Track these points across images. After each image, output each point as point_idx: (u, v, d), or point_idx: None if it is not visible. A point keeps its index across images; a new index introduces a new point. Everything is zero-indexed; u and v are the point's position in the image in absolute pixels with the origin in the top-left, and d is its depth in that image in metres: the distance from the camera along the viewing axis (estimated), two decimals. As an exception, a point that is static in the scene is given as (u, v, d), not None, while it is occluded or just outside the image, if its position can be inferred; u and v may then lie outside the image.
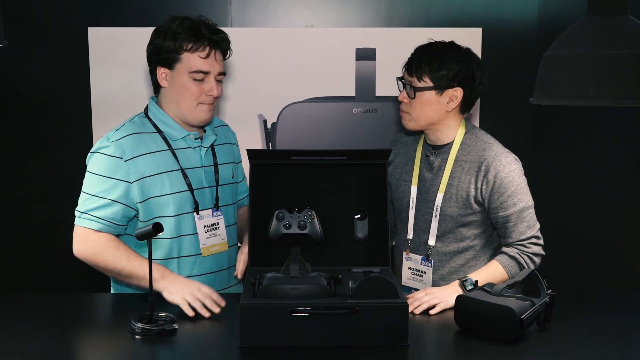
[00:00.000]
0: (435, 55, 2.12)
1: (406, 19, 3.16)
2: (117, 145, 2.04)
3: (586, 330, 1.84)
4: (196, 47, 2.04)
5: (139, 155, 2.05)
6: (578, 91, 1.58)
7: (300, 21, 3.16)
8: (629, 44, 1.57)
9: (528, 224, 2.12)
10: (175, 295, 1.93)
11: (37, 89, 3.14)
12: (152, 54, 2.09)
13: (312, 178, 2.07)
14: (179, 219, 2.10)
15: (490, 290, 1.80)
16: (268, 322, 1.68)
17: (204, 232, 2.14)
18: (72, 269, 3.25)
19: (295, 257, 1.81)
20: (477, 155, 2.16)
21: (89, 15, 3.08)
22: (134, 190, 2.03)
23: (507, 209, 2.11)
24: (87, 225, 2.03)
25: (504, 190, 2.10)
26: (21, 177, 3.21)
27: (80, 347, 1.73)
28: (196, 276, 2.13)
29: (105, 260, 2.01)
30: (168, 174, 2.08)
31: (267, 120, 3.17)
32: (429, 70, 2.11)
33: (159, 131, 2.12)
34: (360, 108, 3.19)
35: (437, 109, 2.14)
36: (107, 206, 2.02)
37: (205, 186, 2.15)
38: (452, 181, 2.17)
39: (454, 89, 2.12)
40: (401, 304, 1.71)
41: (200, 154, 2.16)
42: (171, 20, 2.07)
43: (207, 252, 2.16)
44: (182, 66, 2.05)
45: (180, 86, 2.07)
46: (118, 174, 2.02)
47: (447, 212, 2.17)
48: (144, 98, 3.10)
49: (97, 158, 2.05)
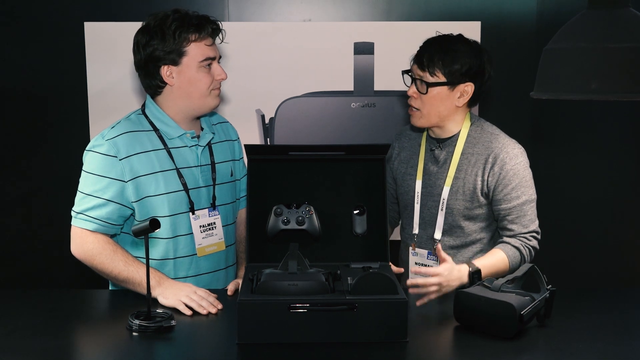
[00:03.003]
0: (447, 49, 2.08)
1: (405, 12, 3.14)
2: (112, 143, 2.01)
3: (586, 326, 1.83)
4: (201, 36, 2.03)
5: (134, 154, 2.02)
6: (579, 85, 1.57)
7: (298, 15, 3.14)
8: (631, 37, 1.56)
9: (530, 218, 2.12)
10: (171, 299, 1.92)
11: (34, 84, 3.13)
12: (150, 57, 2.03)
13: (310, 173, 2.06)
14: (174, 219, 2.08)
15: (490, 285, 1.79)
16: (266, 319, 1.67)
17: (200, 232, 2.12)
18: (69, 265, 3.24)
19: (294, 253, 1.80)
20: (483, 147, 2.14)
21: (86, 10, 3.07)
22: (128, 190, 2.01)
23: (511, 201, 2.10)
24: (82, 225, 2.01)
25: (509, 182, 2.09)
26: (18, 173, 3.20)
27: (77, 344, 1.72)
28: (192, 277, 2.12)
29: (102, 263, 2.00)
30: (163, 173, 2.06)
31: (265, 115, 3.15)
32: (442, 65, 2.07)
33: (155, 129, 2.09)
34: (358, 102, 3.17)
35: (448, 105, 2.12)
36: (102, 206, 2.00)
37: (201, 185, 2.13)
38: (458, 174, 2.16)
39: (465, 84, 2.09)
40: (400, 300, 1.70)
41: (197, 152, 2.13)
42: (157, 18, 2.03)
43: (202, 253, 2.14)
44: (189, 58, 2.03)
45: (190, 78, 2.05)
46: (112, 172, 2.00)
47: (454, 206, 2.16)
48: (140, 93, 3.08)
49: (92, 157, 2.03)
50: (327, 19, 3.15)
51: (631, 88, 1.56)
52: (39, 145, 3.18)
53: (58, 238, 3.21)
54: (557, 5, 3.13)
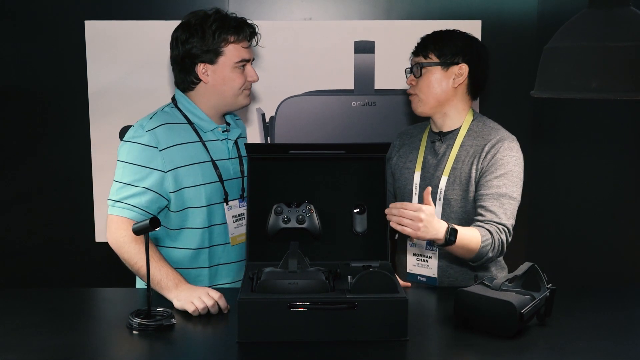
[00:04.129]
0: (440, 36, 2.19)
1: (405, 11, 3.14)
2: (152, 134, 2.06)
3: (586, 325, 1.83)
4: (239, 38, 2.11)
5: (173, 146, 2.08)
6: (579, 84, 1.57)
7: (298, 14, 3.14)
8: (631, 35, 1.56)
9: (506, 213, 2.05)
10: (183, 301, 1.91)
11: (34, 83, 3.12)
12: (188, 54, 2.10)
13: (310, 172, 2.06)
14: (210, 209, 2.14)
15: (490, 284, 1.79)
16: (266, 317, 1.67)
17: (233, 222, 2.20)
18: (69, 264, 3.25)
19: (294, 251, 1.80)
20: (482, 139, 2.17)
21: (86, 8, 3.06)
22: (168, 180, 2.06)
23: (490, 188, 2.07)
24: (120, 213, 2.03)
25: (495, 170, 2.09)
26: (18, 171, 3.20)
27: (77, 343, 1.72)
28: (224, 264, 2.20)
29: (129, 253, 2.01)
30: (200, 165, 2.12)
31: (266, 113, 3.15)
32: (434, 47, 2.16)
33: (189, 122, 2.16)
34: (359, 101, 3.17)
35: (444, 87, 2.16)
36: (142, 194, 2.03)
37: (232, 177, 2.21)
38: (456, 165, 2.17)
39: (459, 66, 2.15)
40: (400, 299, 1.70)
41: (228, 146, 2.22)
42: (197, 17, 2.10)
43: (235, 242, 2.21)
44: (226, 59, 2.11)
45: (224, 77, 2.13)
46: (153, 163, 2.04)
47: (451, 196, 2.16)
48: (141, 91, 3.08)
49: (131, 147, 2.07)
50: (328, 17, 3.14)
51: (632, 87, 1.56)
52: (39, 144, 3.17)
53: (57, 236, 3.22)
54: (558, 4, 3.12)
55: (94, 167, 3.14)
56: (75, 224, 3.20)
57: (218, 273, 2.20)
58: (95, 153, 3.14)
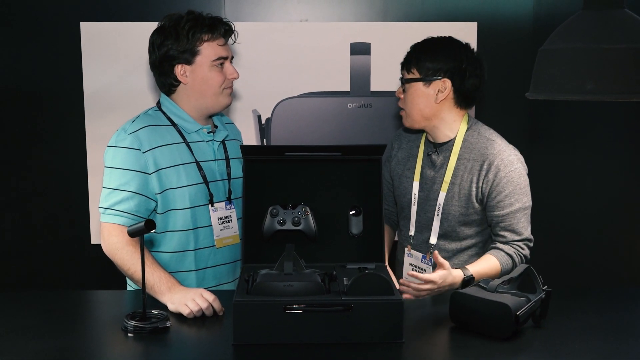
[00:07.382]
0: (427, 48, 2.14)
1: (401, 13, 3.14)
2: (135, 137, 2.06)
3: (582, 326, 1.83)
4: (214, 36, 2.10)
5: (157, 147, 2.08)
6: (575, 86, 1.57)
7: (294, 15, 3.14)
8: (626, 37, 1.56)
9: (523, 225, 2.12)
10: (177, 304, 1.90)
11: (30, 84, 3.12)
12: (165, 57, 2.10)
13: (306, 174, 2.06)
14: (194, 211, 2.12)
15: (486, 286, 1.79)
16: (262, 320, 1.67)
17: (218, 225, 2.18)
18: (66, 266, 3.24)
19: (290, 253, 1.79)
20: (479, 153, 2.14)
21: (82, 10, 3.06)
22: (153, 181, 2.05)
23: (504, 208, 2.10)
24: (111, 220, 2.03)
25: (502, 189, 2.09)
26: (14, 173, 3.19)
27: (72, 345, 1.71)
28: (211, 267, 2.18)
29: (122, 259, 2.01)
30: (184, 166, 2.11)
31: (262, 115, 3.15)
32: (416, 62, 2.13)
33: (173, 124, 2.15)
34: (355, 103, 3.17)
35: (427, 102, 2.13)
36: (130, 199, 2.03)
37: (218, 179, 2.19)
38: (454, 180, 2.16)
39: (441, 80, 2.11)
40: (396, 301, 1.69)
41: (213, 147, 2.20)
42: (171, 20, 2.10)
43: (220, 244, 2.19)
44: (203, 57, 2.10)
45: (203, 77, 2.12)
46: (137, 165, 2.04)
47: (450, 211, 2.16)
48: (136, 93, 3.08)
49: (115, 152, 2.07)
50: (324, 19, 3.14)
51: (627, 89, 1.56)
52: (35, 145, 3.17)
53: (55, 238, 3.22)
54: (553, 6, 3.13)
55: (90, 168, 3.14)
56: (71, 225, 3.19)
57: (206, 276, 2.18)
58: (90, 154, 3.13)
